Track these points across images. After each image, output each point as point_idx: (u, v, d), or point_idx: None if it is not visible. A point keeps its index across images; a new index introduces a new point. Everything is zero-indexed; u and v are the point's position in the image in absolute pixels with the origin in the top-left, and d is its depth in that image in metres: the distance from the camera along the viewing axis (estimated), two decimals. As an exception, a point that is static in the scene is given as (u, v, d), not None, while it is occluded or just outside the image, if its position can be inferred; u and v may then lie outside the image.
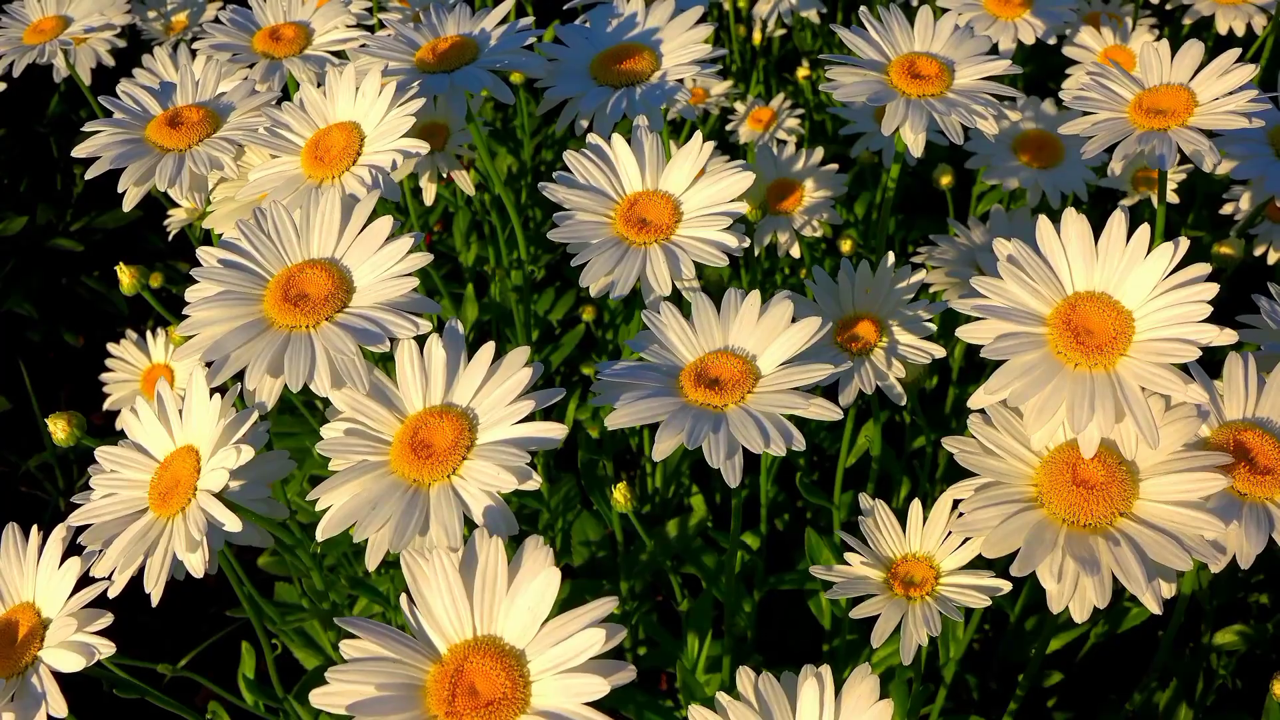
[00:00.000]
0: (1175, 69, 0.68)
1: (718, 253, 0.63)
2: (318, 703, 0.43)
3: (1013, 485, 0.54)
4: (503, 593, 0.45)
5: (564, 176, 0.68)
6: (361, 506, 0.51)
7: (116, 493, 0.58)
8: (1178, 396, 0.51)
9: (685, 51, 0.79)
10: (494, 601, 0.45)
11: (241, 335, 0.55)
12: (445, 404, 0.55)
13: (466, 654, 0.44)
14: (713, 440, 0.53)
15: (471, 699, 0.43)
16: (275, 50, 0.83)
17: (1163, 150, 0.63)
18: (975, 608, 0.64)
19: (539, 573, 0.44)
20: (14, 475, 1.34)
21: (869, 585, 0.66)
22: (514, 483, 0.49)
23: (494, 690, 0.43)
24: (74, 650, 0.54)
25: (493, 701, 0.43)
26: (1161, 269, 0.53)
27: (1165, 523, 0.50)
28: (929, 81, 0.70)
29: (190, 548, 0.52)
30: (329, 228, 0.60)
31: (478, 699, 0.43)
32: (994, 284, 0.56)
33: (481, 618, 0.45)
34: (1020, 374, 0.52)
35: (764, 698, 0.52)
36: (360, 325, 0.55)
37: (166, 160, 0.72)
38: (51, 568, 0.57)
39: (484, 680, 0.43)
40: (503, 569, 0.45)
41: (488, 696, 0.43)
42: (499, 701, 0.43)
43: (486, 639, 0.45)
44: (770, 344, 0.59)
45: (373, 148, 0.69)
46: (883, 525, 0.67)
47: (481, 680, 0.43)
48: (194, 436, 0.57)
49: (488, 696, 0.43)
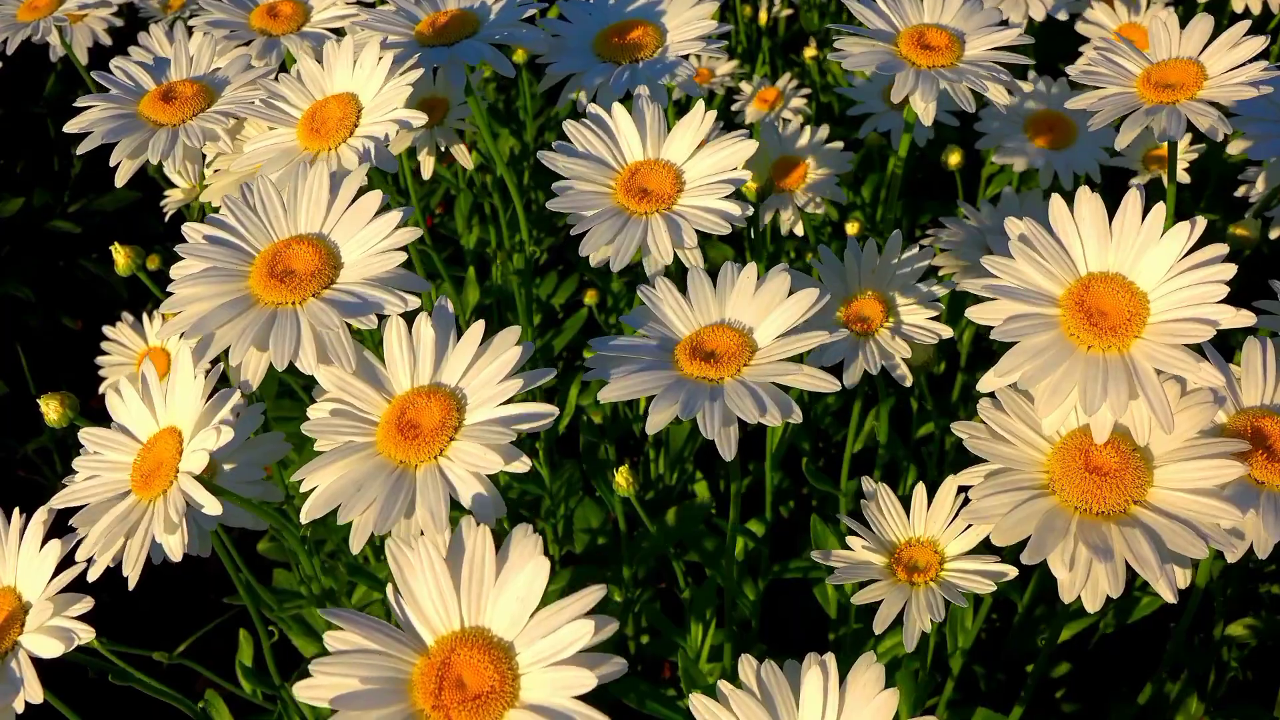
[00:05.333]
0: (1185, 43, 0.67)
1: (720, 221, 0.62)
2: (302, 696, 0.42)
3: (1023, 472, 0.52)
4: (490, 583, 0.43)
5: (563, 146, 0.67)
6: (346, 488, 0.49)
7: (99, 475, 0.56)
8: (1191, 377, 0.49)
9: (690, 27, 0.77)
10: (482, 592, 0.44)
11: (226, 312, 0.54)
12: (434, 384, 0.53)
13: (454, 646, 0.43)
14: (708, 409, 0.52)
15: (459, 692, 0.42)
16: (272, 27, 0.82)
17: (1171, 123, 0.62)
18: (981, 594, 0.63)
19: (527, 562, 0.42)
20: (12, 460, 1.33)
21: (871, 571, 0.64)
22: (499, 463, 0.48)
23: (482, 683, 0.42)
24: (53, 635, 0.53)
25: (480, 695, 0.41)
26: (1178, 249, 0.52)
27: (1180, 510, 0.49)
28: (939, 52, 0.69)
29: (169, 530, 0.51)
30: (317, 202, 0.58)
31: (465, 692, 0.42)
32: (1005, 264, 0.54)
33: (469, 609, 0.44)
34: (1031, 356, 0.50)
35: (766, 686, 0.50)
36: (347, 300, 0.53)
37: (160, 135, 0.71)
38: (33, 551, 0.56)
39: (471, 673, 0.42)
40: (490, 558, 0.44)
41: (475, 690, 0.42)
42: (487, 695, 0.41)
43: (474, 630, 0.44)
44: (767, 316, 0.58)
45: (369, 119, 0.67)
46: (886, 509, 0.66)
47: (469, 673, 0.42)
48: (177, 418, 0.56)
49: (475, 690, 0.42)
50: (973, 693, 0.97)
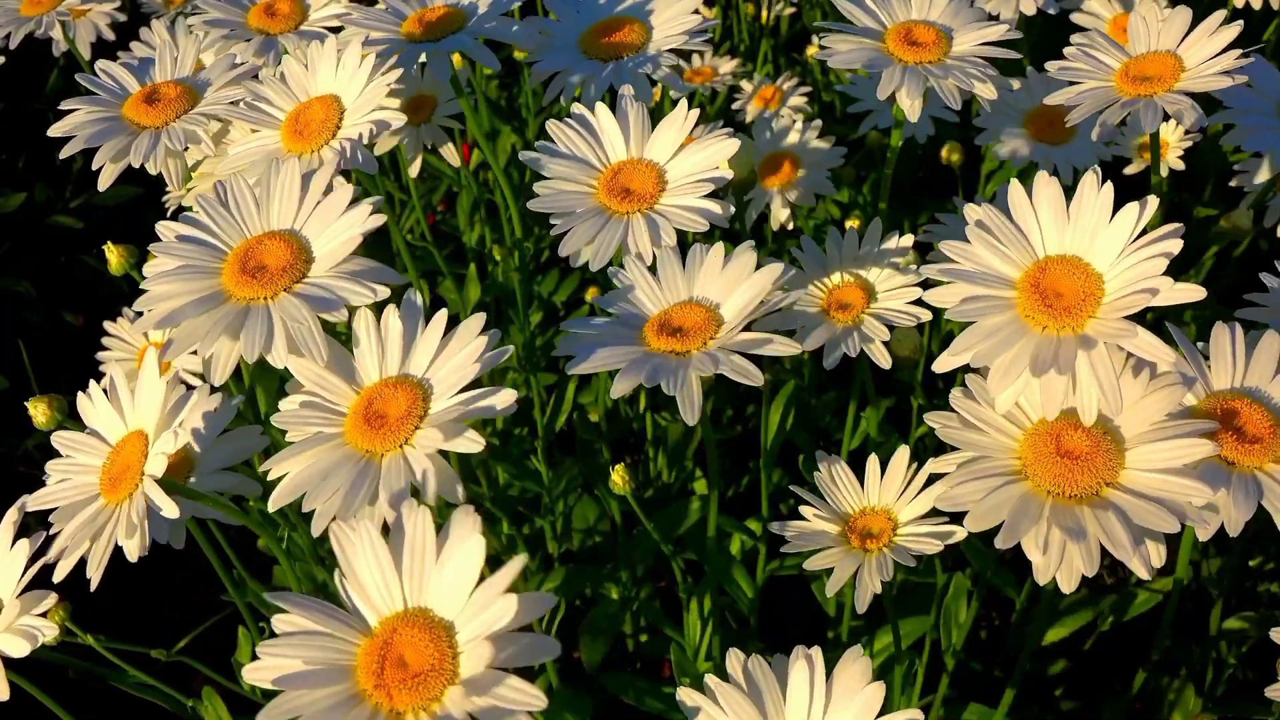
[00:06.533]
0: (1164, 36, 0.67)
1: (701, 219, 0.62)
2: (248, 678, 0.42)
3: (996, 459, 0.52)
4: (431, 563, 0.44)
5: (546, 146, 0.67)
6: (312, 477, 0.50)
7: (70, 478, 0.57)
8: (1127, 344, 0.49)
9: (675, 23, 0.77)
10: (423, 572, 0.44)
11: (197, 309, 0.54)
12: (401, 375, 0.54)
13: (396, 626, 0.43)
14: (670, 373, 0.54)
15: (400, 671, 0.42)
16: (270, 26, 0.82)
17: (1147, 115, 0.62)
18: (930, 554, 0.64)
19: (466, 540, 0.43)
20: (12, 455, 1.33)
21: (825, 539, 0.65)
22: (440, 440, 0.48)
23: (423, 662, 0.42)
24: (18, 635, 0.54)
25: (420, 673, 0.42)
26: (1129, 230, 0.52)
27: (1152, 490, 0.49)
28: (926, 48, 0.69)
29: (129, 533, 0.51)
30: (288, 198, 0.58)
31: (406, 670, 0.42)
32: (962, 248, 0.55)
33: (411, 589, 0.44)
34: (985, 336, 0.50)
35: (753, 679, 0.51)
36: (317, 294, 0.54)
37: (142, 138, 0.71)
38: (3, 549, 0.56)
39: (413, 652, 0.42)
40: (430, 538, 0.44)
41: (416, 668, 0.42)
42: (427, 673, 0.42)
43: (416, 611, 0.44)
44: (734, 292, 0.58)
45: (351, 120, 0.68)
46: (839, 480, 0.67)
47: (410, 652, 0.42)
48: (144, 420, 0.56)
49: (416, 668, 0.42)
50: (970, 689, 0.96)
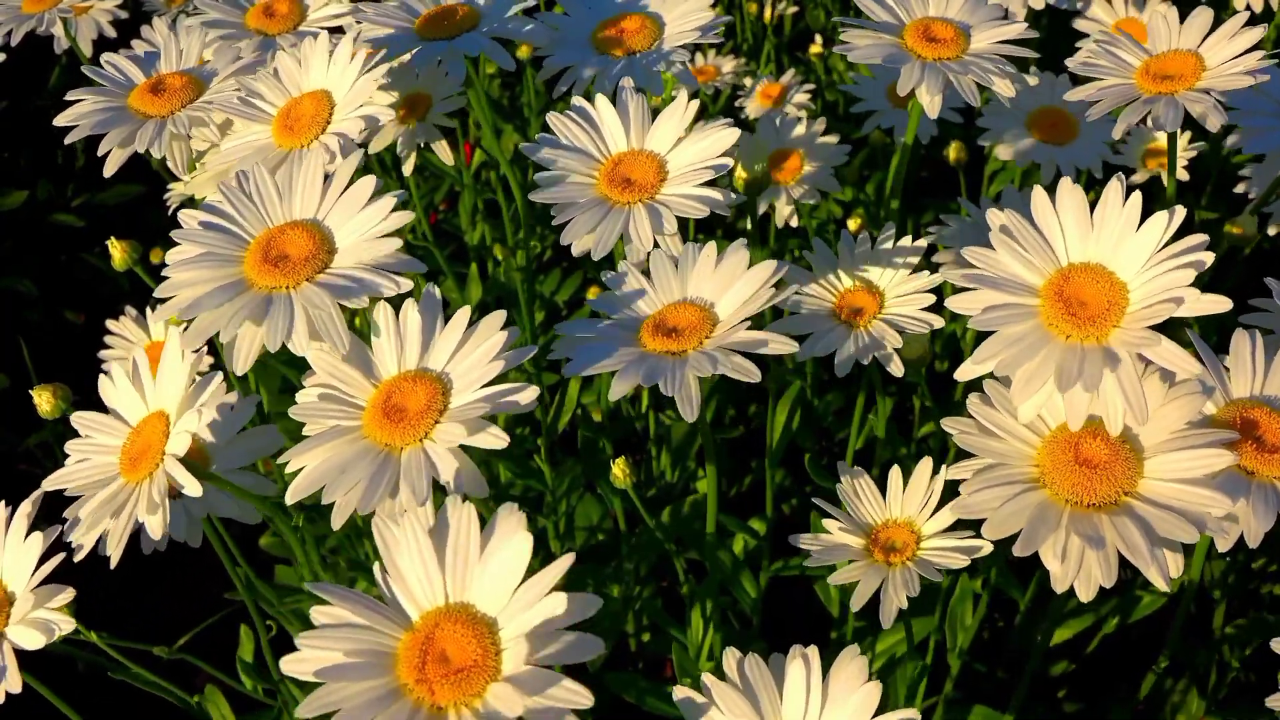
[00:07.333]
0: (1184, 35, 0.67)
1: (701, 206, 0.62)
2: (287, 669, 0.42)
3: (1013, 466, 0.52)
4: (475, 559, 0.44)
5: (547, 138, 0.67)
6: (330, 470, 0.50)
7: (90, 458, 0.57)
8: (1148, 353, 0.49)
9: (687, 19, 0.77)
10: (466, 568, 0.44)
11: (220, 296, 0.54)
12: (420, 369, 0.53)
13: (438, 621, 0.43)
14: (669, 374, 0.54)
15: (442, 666, 0.42)
16: (269, 27, 0.81)
17: (1168, 113, 0.62)
18: (956, 569, 0.63)
19: (511, 538, 0.43)
20: (13, 453, 1.33)
21: (849, 552, 0.65)
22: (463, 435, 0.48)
23: (465, 658, 0.42)
24: (34, 627, 0.53)
25: (463, 669, 0.42)
26: (1156, 239, 0.51)
27: (1171, 500, 0.48)
28: (944, 45, 0.69)
29: (150, 510, 0.51)
30: (311, 189, 0.58)
31: (449, 666, 0.42)
32: (985, 254, 0.54)
33: (453, 584, 0.44)
34: (1008, 344, 0.50)
35: (750, 679, 0.51)
36: (340, 284, 0.54)
37: (148, 125, 0.71)
38: (18, 541, 0.56)
39: (455, 647, 0.42)
40: (475, 535, 0.44)
41: (458, 664, 0.42)
42: (469, 669, 0.42)
43: (458, 606, 0.44)
44: (728, 291, 0.58)
45: (341, 115, 0.68)
46: (862, 492, 0.67)
47: (453, 647, 0.42)
48: (165, 401, 0.56)
49: (458, 664, 0.42)
50: (974, 691, 0.96)
